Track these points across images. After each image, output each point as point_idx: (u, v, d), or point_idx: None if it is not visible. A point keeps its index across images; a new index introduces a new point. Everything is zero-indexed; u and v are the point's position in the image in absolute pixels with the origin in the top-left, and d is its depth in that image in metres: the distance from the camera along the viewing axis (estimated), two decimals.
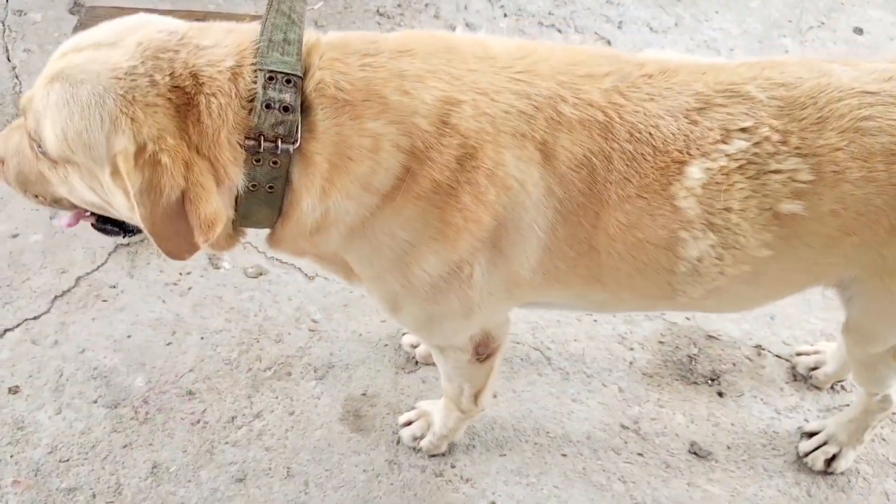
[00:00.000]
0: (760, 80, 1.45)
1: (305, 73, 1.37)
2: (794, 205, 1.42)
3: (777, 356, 2.44)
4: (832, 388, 2.36)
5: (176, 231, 1.34)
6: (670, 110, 1.43)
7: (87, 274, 2.53)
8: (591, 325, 2.48)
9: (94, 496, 2.07)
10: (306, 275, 2.56)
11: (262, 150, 1.34)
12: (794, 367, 2.40)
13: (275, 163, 1.35)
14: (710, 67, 1.50)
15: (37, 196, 1.56)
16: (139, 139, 1.29)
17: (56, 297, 2.47)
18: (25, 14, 3.29)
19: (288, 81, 1.33)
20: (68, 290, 2.49)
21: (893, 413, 2.24)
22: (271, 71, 1.33)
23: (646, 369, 2.40)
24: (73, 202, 1.53)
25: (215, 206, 1.33)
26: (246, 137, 1.34)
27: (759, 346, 2.46)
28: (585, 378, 2.37)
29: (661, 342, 2.46)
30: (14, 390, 2.26)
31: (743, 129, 1.41)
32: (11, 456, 2.13)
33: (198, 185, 1.31)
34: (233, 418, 2.23)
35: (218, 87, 1.33)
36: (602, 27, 3.47)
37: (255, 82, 1.33)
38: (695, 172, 1.42)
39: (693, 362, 2.41)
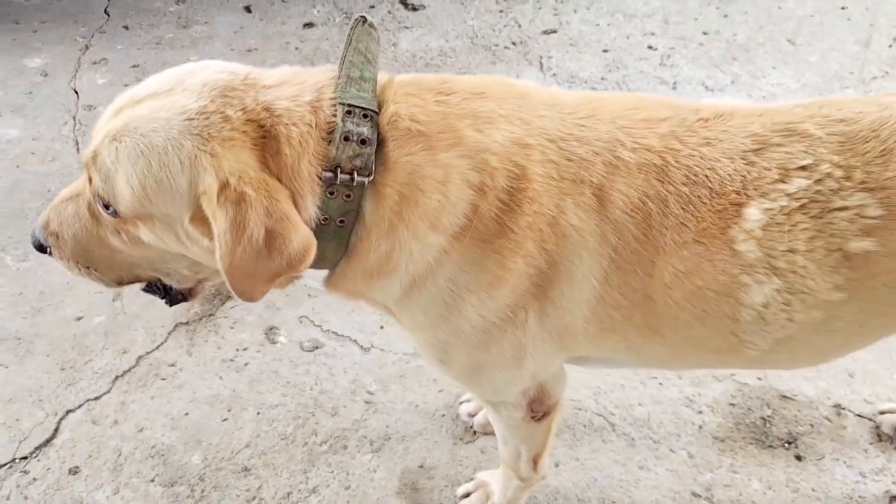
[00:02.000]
0: (818, 117, 1.40)
1: (379, 107, 1.38)
2: (866, 242, 1.33)
3: (859, 416, 2.29)
4: None
5: (253, 271, 1.30)
6: (727, 153, 1.39)
7: (148, 353, 2.56)
8: (656, 389, 2.38)
9: None
10: (362, 347, 2.54)
11: (337, 181, 1.32)
12: (878, 427, 2.25)
13: (348, 196, 1.34)
14: (766, 109, 1.46)
15: (88, 268, 1.54)
16: (220, 176, 1.27)
17: (117, 378, 2.50)
18: (95, 108, 3.46)
19: (365, 116, 1.34)
20: (129, 370, 2.52)
21: None
22: (350, 105, 1.34)
23: (716, 433, 2.27)
24: (131, 270, 1.53)
25: (304, 234, 1.29)
26: (323, 169, 1.32)
27: (838, 406, 2.31)
28: (652, 444, 2.26)
29: (731, 404, 2.33)
30: (74, 471, 2.27)
31: (802, 168, 1.35)
32: None
33: (284, 218, 1.28)
34: (288, 494, 2.19)
35: (299, 117, 1.33)
36: (656, 89, 3.45)
37: (334, 115, 1.33)
38: (753, 214, 1.35)
39: (767, 424, 2.28)
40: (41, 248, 1.53)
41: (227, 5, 4.05)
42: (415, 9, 4.03)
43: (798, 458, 2.21)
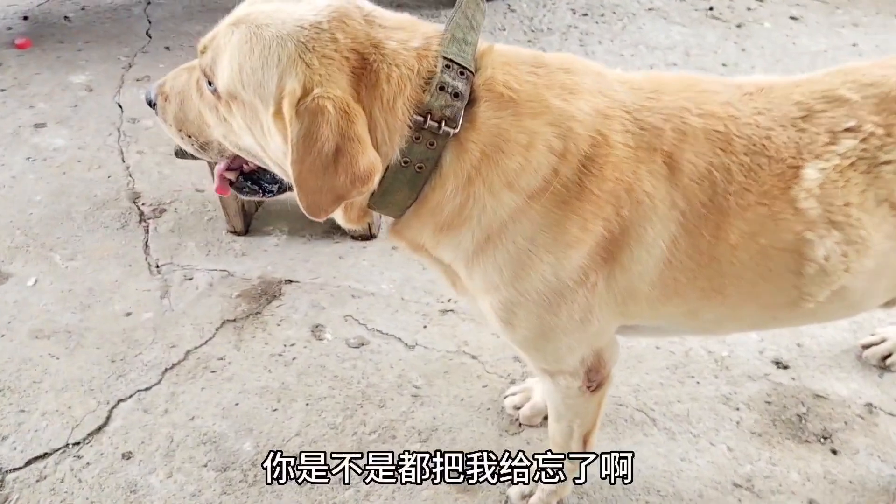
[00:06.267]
0: (849, 83, 1.53)
1: (476, 70, 1.47)
2: None
3: (890, 414, 2.37)
4: None
5: (321, 186, 1.38)
6: (778, 120, 1.51)
7: (196, 348, 2.63)
8: (693, 387, 2.46)
9: None
10: (406, 344, 2.61)
11: (425, 127, 1.41)
12: None
13: (431, 144, 1.42)
14: (800, 80, 1.59)
15: (190, 136, 1.65)
16: (308, 85, 1.35)
17: (166, 370, 2.56)
18: (138, 121, 3.57)
19: (461, 73, 1.43)
20: (178, 363, 2.58)
21: None
22: (450, 60, 1.43)
23: (754, 429, 2.35)
24: (224, 147, 1.62)
25: (372, 158, 1.36)
26: (415, 113, 1.41)
27: (869, 405, 2.39)
28: (692, 438, 2.33)
29: (767, 402, 2.41)
30: (127, 456, 2.31)
31: (848, 130, 1.48)
32: None
33: (355, 139, 1.35)
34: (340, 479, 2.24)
35: (402, 60, 1.42)
36: None
37: (435, 66, 1.42)
38: (811, 174, 1.47)
39: (803, 421, 2.36)
40: (151, 104, 1.67)
41: None
42: None
43: (834, 452, 2.28)
